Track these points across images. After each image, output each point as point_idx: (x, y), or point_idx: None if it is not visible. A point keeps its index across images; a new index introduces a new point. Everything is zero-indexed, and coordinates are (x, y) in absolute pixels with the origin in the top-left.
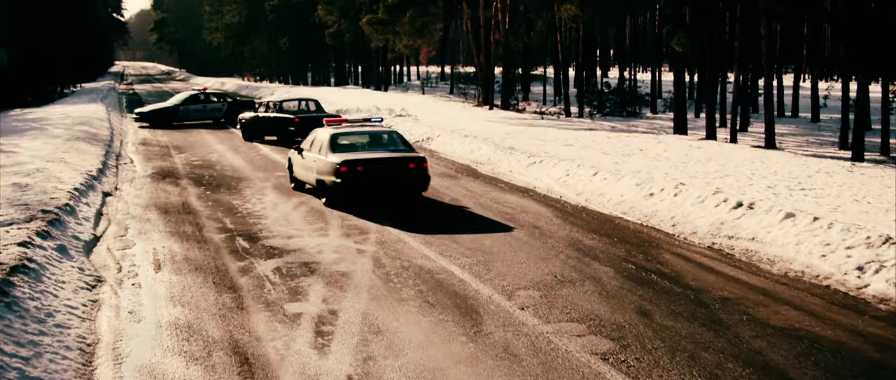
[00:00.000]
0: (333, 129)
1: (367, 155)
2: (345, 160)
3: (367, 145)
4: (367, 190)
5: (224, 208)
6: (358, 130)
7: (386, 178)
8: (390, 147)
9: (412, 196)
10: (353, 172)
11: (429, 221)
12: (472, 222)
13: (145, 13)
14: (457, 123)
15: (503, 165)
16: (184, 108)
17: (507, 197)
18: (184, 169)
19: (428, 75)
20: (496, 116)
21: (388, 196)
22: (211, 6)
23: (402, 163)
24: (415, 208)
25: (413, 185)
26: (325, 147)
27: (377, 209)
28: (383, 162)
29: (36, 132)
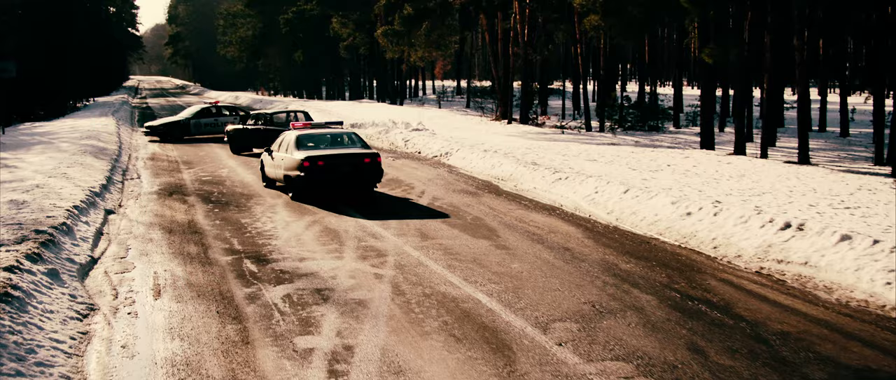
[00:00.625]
0: (299, 131)
1: (328, 152)
2: (308, 156)
3: (329, 144)
4: (327, 182)
5: (232, 227)
6: (321, 132)
7: (344, 171)
8: (349, 145)
9: (368, 188)
10: (315, 167)
11: (450, 242)
12: (498, 244)
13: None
14: (476, 138)
15: (526, 181)
16: (195, 121)
17: (533, 216)
18: (192, 185)
19: (443, 89)
20: (515, 130)
21: (346, 188)
22: (225, 20)
23: (358, 158)
24: (426, 224)
25: (368, 177)
26: (292, 146)
27: (399, 233)
28: (341, 157)
29: (43, 146)
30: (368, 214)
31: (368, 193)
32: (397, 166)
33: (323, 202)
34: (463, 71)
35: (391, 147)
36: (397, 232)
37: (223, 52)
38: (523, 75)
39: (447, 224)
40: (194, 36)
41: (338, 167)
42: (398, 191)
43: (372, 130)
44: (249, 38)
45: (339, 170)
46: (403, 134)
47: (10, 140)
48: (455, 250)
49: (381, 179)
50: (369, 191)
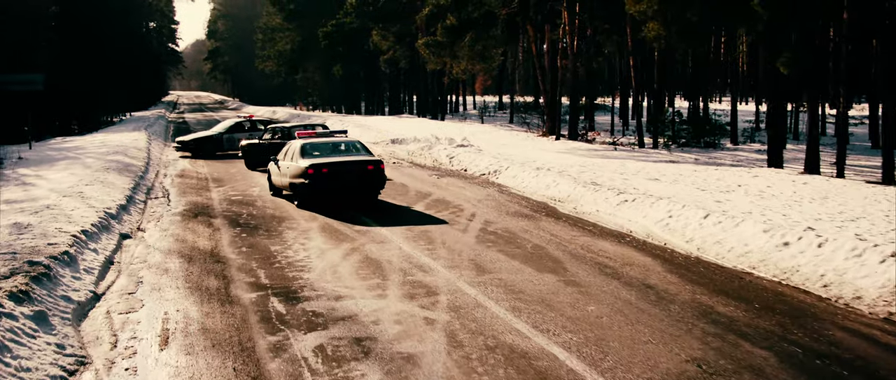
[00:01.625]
0: (304, 140)
1: (332, 159)
2: (312, 164)
3: (333, 152)
4: (331, 189)
5: (260, 256)
6: (326, 140)
7: (348, 178)
8: (352, 153)
9: (371, 194)
10: (319, 174)
11: (511, 277)
12: (567, 279)
13: (201, 43)
14: (524, 154)
15: (587, 203)
16: (228, 136)
17: (601, 244)
18: (220, 205)
19: (484, 104)
20: (564, 146)
21: (350, 195)
22: (263, 34)
23: (361, 165)
24: (481, 254)
25: (371, 184)
26: (297, 154)
27: (444, 258)
28: (345, 165)
29: (67, 162)
30: (415, 243)
31: (372, 200)
32: (443, 186)
33: (360, 224)
34: (504, 86)
35: (435, 164)
36: (448, 263)
37: (261, 66)
38: (572, 89)
39: (505, 254)
40: (233, 51)
41: (342, 174)
42: (446, 213)
43: (414, 145)
44: (287, 52)
45: (343, 177)
46: (447, 150)
47: (36, 155)
48: (518, 287)
49: (384, 185)
50: (373, 198)
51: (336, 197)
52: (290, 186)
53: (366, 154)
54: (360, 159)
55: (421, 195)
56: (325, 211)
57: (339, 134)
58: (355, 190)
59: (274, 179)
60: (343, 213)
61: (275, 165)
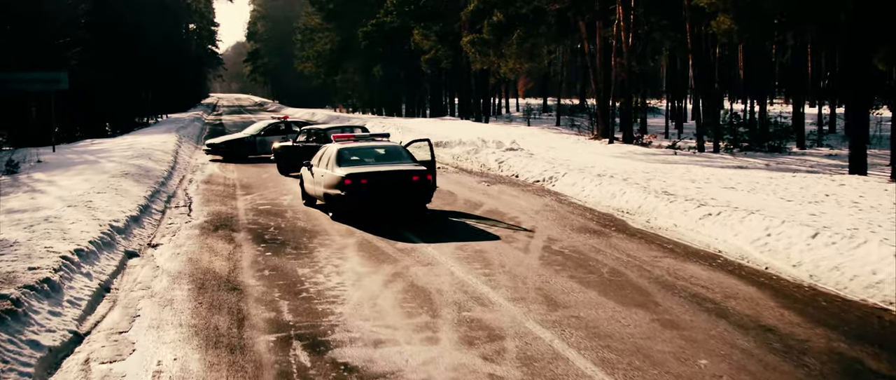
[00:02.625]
0: (341, 144)
1: (372, 168)
2: (350, 173)
3: (373, 159)
4: (371, 202)
5: (284, 283)
6: (365, 145)
7: (390, 190)
8: (395, 160)
9: (416, 208)
10: (358, 185)
11: (592, 314)
12: (661, 318)
13: (241, 45)
14: (579, 159)
15: (662, 216)
16: (261, 139)
17: (690, 268)
18: (246, 216)
19: (528, 107)
20: (619, 150)
21: (393, 208)
22: (303, 34)
23: (405, 175)
24: (549, 282)
25: (416, 197)
26: (332, 161)
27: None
28: (387, 175)
29: (85, 166)
30: (468, 265)
31: (420, 214)
32: (494, 194)
33: (403, 240)
34: (548, 88)
35: (483, 169)
36: (512, 294)
37: (300, 67)
38: (626, 89)
39: (578, 281)
40: (273, 52)
41: (383, 185)
42: (501, 228)
43: (459, 149)
44: (327, 52)
45: (385, 188)
46: (496, 154)
47: (56, 158)
48: (603, 329)
49: (431, 198)
50: (419, 212)
51: (376, 210)
52: (325, 196)
53: (410, 162)
54: (404, 168)
55: (471, 205)
56: (362, 224)
57: (380, 138)
58: (398, 203)
59: (307, 187)
60: (383, 226)
61: (308, 171)
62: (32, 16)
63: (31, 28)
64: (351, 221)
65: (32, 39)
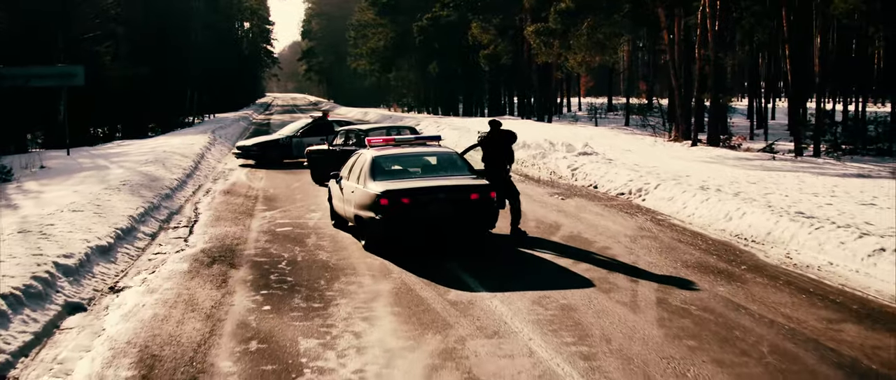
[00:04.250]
0: (377, 150)
1: (417, 183)
2: (387, 190)
3: (419, 171)
4: (415, 229)
5: (274, 369)
6: (408, 151)
7: (440, 212)
8: (447, 172)
9: (475, 236)
10: (398, 206)
11: None
12: None
13: (298, 44)
14: (667, 165)
15: (806, 248)
16: (297, 140)
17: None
18: (256, 243)
19: (592, 106)
20: (706, 154)
21: (444, 236)
22: (356, 31)
23: (461, 193)
24: (639, 343)
25: (476, 222)
26: (365, 173)
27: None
28: (437, 192)
29: (90, 174)
30: (556, 337)
31: (477, 242)
32: (572, 211)
33: (458, 286)
34: (613, 86)
35: (552, 178)
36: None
37: (354, 65)
38: (714, 84)
39: (734, 375)
40: (327, 50)
41: (431, 206)
42: (591, 265)
43: (524, 152)
44: (380, 49)
45: (433, 210)
46: (567, 159)
47: (64, 164)
48: None
49: (495, 223)
50: (479, 240)
51: (422, 238)
52: (355, 219)
53: (468, 174)
54: (459, 183)
55: (545, 227)
56: (403, 257)
57: (430, 141)
58: (452, 229)
59: (335, 205)
60: (430, 261)
61: (336, 184)
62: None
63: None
64: (387, 253)
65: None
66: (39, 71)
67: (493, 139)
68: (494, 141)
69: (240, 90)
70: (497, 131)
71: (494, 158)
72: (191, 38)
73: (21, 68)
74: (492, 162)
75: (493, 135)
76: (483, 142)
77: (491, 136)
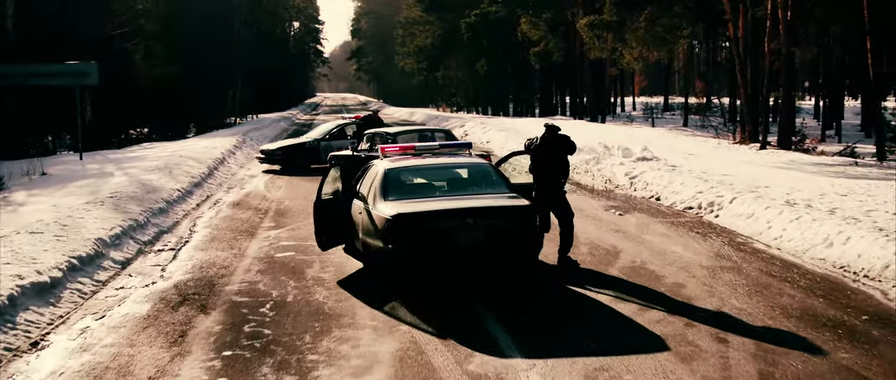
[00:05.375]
0: (392, 161)
1: (439, 204)
2: (399, 214)
3: (443, 187)
4: (436, 263)
5: None
6: (430, 162)
7: (469, 242)
8: (479, 189)
9: (514, 272)
10: (413, 233)
11: None
12: None
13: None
14: (739, 173)
15: None
16: (326, 144)
17: None
18: (244, 275)
19: (647, 105)
20: (777, 158)
21: (474, 271)
22: (403, 28)
23: (495, 216)
24: None
25: (514, 254)
26: (375, 191)
27: None
28: (465, 216)
29: (88, 182)
30: None
31: (520, 276)
32: (633, 232)
33: (485, 350)
34: (670, 85)
35: (608, 186)
36: None
37: (401, 64)
38: (785, 81)
39: None
40: (376, 49)
41: (456, 234)
42: (663, 312)
43: (575, 157)
44: (427, 46)
45: (460, 239)
46: (625, 166)
47: (68, 171)
48: None
49: (537, 255)
50: (521, 274)
51: (447, 275)
52: (364, 248)
53: (505, 192)
54: (493, 203)
55: (601, 254)
56: (417, 301)
57: (458, 149)
58: (484, 261)
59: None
60: (452, 306)
61: (347, 201)
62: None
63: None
64: (400, 291)
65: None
66: (47, 69)
67: (547, 146)
68: (548, 149)
69: (286, 90)
70: (553, 137)
71: (547, 169)
72: (232, 37)
73: (21, 66)
74: (543, 174)
75: (548, 141)
76: (533, 149)
77: (544, 142)
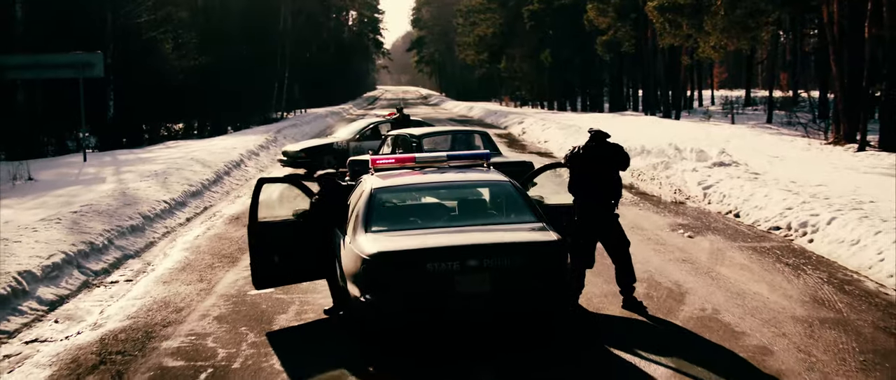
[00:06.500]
0: (383, 178)
1: (437, 237)
2: (381, 252)
3: (449, 213)
4: (430, 320)
5: None
6: (431, 180)
7: (475, 290)
8: (494, 218)
9: (536, 330)
10: (400, 280)
11: None
12: None
13: (411, 34)
14: (836, 183)
15: None
16: (356, 145)
17: None
18: (195, 324)
19: (726, 99)
20: (882, 163)
21: (480, 331)
22: (464, 18)
23: (512, 255)
24: None
25: (536, 305)
26: (358, 217)
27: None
28: (469, 255)
29: (67, 191)
30: None
31: (544, 335)
32: (701, 261)
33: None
34: (753, 78)
35: (677, 197)
36: None
37: (462, 55)
38: (890, 70)
39: None
40: (437, 40)
41: (457, 280)
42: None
43: (641, 161)
44: (488, 36)
45: (462, 286)
46: (698, 172)
47: (59, 175)
48: None
49: (568, 306)
50: (544, 333)
51: (443, 334)
52: (342, 292)
53: (527, 221)
54: (506, 239)
55: (661, 296)
56: (406, 366)
57: (475, 160)
58: (490, 321)
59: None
60: (448, 375)
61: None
62: None
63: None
64: (385, 353)
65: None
66: (49, 60)
67: (592, 158)
68: (593, 161)
69: (341, 83)
70: (600, 146)
71: (592, 187)
72: (279, 27)
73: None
74: (587, 194)
75: (593, 152)
76: (574, 161)
77: (588, 153)
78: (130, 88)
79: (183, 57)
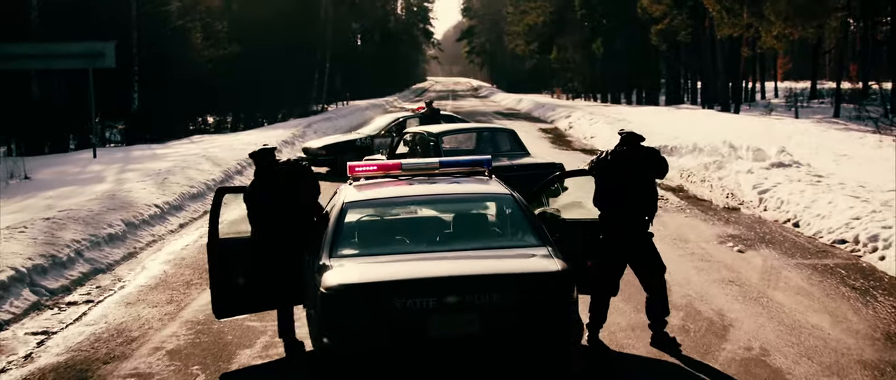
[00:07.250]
0: (358, 189)
1: (412, 266)
2: (341, 285)
3: (432, 236)
4: (396, 372)
5: None
6: (416, 192)
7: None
8: (487, 241)
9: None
10: (362, 318)
11: None
12: None
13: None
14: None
15: None
16: (381, 141)
17: None
18: (147, 356)
19: (790, 92)
20: None
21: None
22: (514, 6)
23: (502, 289)
24: None
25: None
26: (326, 238)
27: None
28: (453, 289)
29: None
30: None
31: None
32: (752, 283)
33: None
34: (820, 69)
35: (729, 202)
36: None
37: (512, 45)
38: None
39: None
40: (488, 30)
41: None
42: None
43: (691, 160)
44: (538, 25)
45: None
46: (754, 174)
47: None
48: None
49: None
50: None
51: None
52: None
53: (529, 244)
54: (495, 269)
55: (701, 329)
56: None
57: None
58: (474, 372)
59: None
60: None
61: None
62: None
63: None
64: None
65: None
66: (57, 49)
67: (622, 164)
68: (624, 169)
69: (386, 74)
70: (632, 150)
71: (622, 199)
72: (319, 15)
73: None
74: (615, 208)
75: (622, 157)
76: (601, 168)
77: (617, 159)
78: (156, 80)
79: (212, 47)
